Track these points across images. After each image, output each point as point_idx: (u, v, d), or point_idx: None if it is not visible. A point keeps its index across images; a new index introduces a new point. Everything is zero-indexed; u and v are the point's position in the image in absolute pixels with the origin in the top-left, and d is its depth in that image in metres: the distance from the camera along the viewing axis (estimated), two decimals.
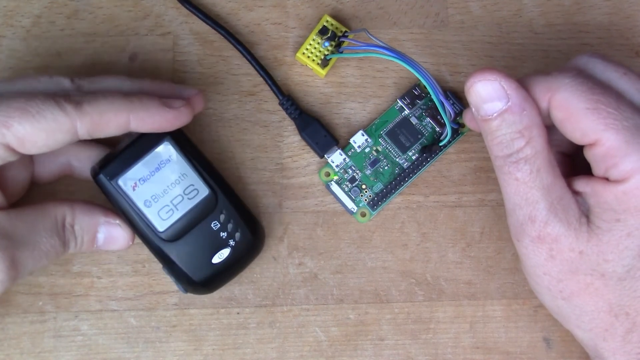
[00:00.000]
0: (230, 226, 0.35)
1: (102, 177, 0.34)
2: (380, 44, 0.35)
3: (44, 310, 0.37)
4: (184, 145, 0.35)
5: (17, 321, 0.37)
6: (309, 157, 0.39)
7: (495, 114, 0.31)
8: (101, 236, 0.35)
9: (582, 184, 0.31)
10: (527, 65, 0.40)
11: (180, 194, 0.34)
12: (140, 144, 0.34)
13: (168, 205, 0.34)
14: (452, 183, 0.39)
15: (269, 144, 0.39)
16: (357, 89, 0.40)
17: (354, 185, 0.38)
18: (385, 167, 0.38)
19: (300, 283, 0.38)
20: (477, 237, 0.38)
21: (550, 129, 0.32)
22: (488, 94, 0.31)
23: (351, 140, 0.38)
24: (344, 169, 0.38)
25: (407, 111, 0.39)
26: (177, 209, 0.34)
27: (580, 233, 0.30)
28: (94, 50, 0.39)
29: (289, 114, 0.39)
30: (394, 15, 0.41)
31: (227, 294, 0.38)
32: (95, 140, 0.35)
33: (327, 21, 0.39)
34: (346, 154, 0.38)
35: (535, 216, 0.31)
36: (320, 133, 0.38)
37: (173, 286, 0.37)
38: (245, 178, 0.39)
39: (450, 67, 0.40)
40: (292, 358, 0.37)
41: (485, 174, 0.39)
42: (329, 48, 0.39)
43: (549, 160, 0.31)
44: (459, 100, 0.39)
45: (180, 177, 0.34)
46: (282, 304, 0.38)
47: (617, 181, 0.29)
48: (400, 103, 0.39)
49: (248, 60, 0.39)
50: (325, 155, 0.38)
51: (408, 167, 0.38)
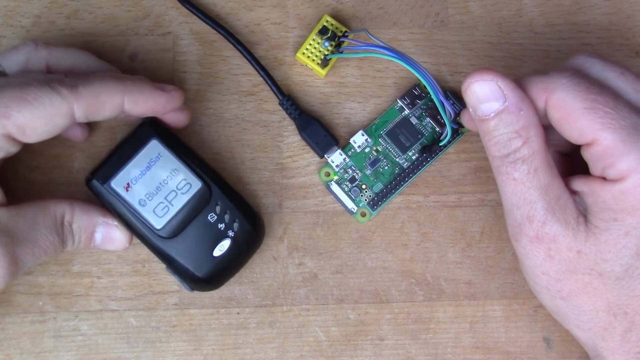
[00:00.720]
0: (227, 217, 0.35)
1: (94, 182, 0.34)
2: (380, 44, 0.35)
3: (44, 310, 0.37)
4: (172, 142, 0.35)
5: (17, 321, 0.37)
6: (309, 157, 0.39)
7: (492, 114, 0.31)
8: (98, 236, 0.35)
9: (579, 184, 0.31)
10: (527, 65, 0.40)
11: (174, 190, 0.35)
12: (129, 145, 0.35)
13: (163, 202, 0.34)
14: (452, 183, 0.39)
15: (269, 144, 0.39)
16: (357, 89, 0.40)
17: (354, 185, 0.38)
18: (385, 167, 0.38)
19: (300, 283, 0.38)
20: (477, 237, 0.38)
21: (548, 128, 0.32)
22: (485, 94, 0.31)
23: (351, 140, 0.38)
24: (344, 169, 0.38)
25: (407, 111, 0.39)
26: (172, 205, 0.35)
27: (578, 232, 0.30)
28: (94, 50, 0.39)
29: (289, 114, 0.39)
30: (394, 15, 0.41)
31: (227, 294, 0.38)
32: None
33: (327, 21, 0.39)
34: (346, 154, 0.38)
35: (533, 216, 0.31)
36: (320, 133, 0.38)
37: (173, 286, 0.37)
38: (245, 178, 0.39)
39: (450, 67, 0.40)
40: (292, 358, 0.37)
41: (485, 174, 0.39)
42: (329, 48, 0.39)
43: (546, 160, 0.31)
44: (459, 100, 0.39)
45: (171, 173, 0.35)
46: (282, 304, 0.38)
47: (614, 180, 0.29)
48: (400, 103, 0.39)
49: (248, 60, 0.39)
50: (325, 155, 0.38)
51: (408, 167, 0.38)
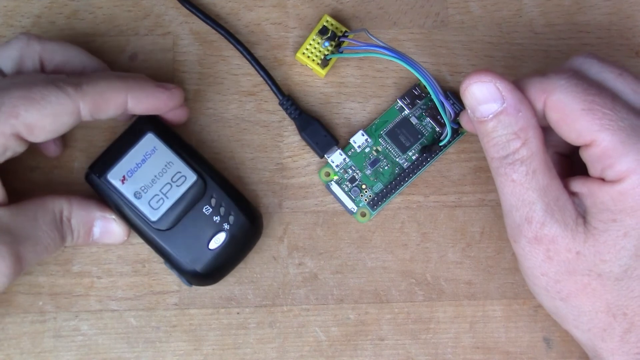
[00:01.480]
0: (222, 210, 0.35)
1: (91, 175, 0.35)
2: (380, 44, 0.35)
3: (44, 310, 0.37)
4: (167, 135, 0.36)
5: (17, 321, 0.37)
6: (309, 157, 0.39)
7: (490, 116, 0.31)
8: (97, 230, 0.35)
9: (578, 185, 0.31)
10: (527, 65, 0.40)
11: (169, 182, 0.35)
12: (125, 139, 0.36)
13: (158, 195, 0.35)
14: (452, 183, 0.39)
15: (269, 144, 0.39)
16: (357, 89, 0.40)
17: (354, 185, 0.38)
18: (385, 167, 0.38)
19: (300, 283, 0.38)
20: (477, 237, 0.38)
21: (546, 129, 0.32)
22: (483, 96, 0.31)
23: (351, 140, 0.38)
24: (344, 169, 0.38)
25: (407, 111, 0.39)
26: (167, 197, 0.35)
27: (577, 234, 0.30)
28: (94, 50, 0.39)
29: (289, 114, 0.39)
30: (394, 15, 0.41)
31: (227, 294, 0.38)
32: None
33: (327, 21, 0.39)
34: (346, 154, 0.38)
35: (531, 217, 0.31)
36: (320, 133, 0.38)
37: (173, 286, 0.37)
38: (245, 178, 0.39)
39: (450, 67, 0.40)
40: (292, 358, 0.37)
41: (485, 174, 0.39)
42: (329, 48, 0.39)
43: (545, 161, 0.31)
44: (459, 100, 0.39)
45: (166, 165, 0.35)
46: (282, 304, 0.38)
47: (613, 181, 0.29)
48: (400, 103, 0.39)
49: (248, 60, 0.39)
50: (325, 155, 0.38)
51: (408, 167, 0.38)
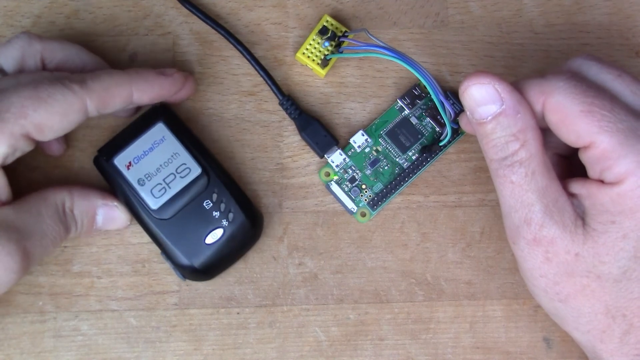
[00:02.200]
0: (222, 206, 0.35)
1: (98, 158, 0.36)
2: (380, 44, 0.35)
3: (44, 310, 0.37)
4: (178, 127, 0.37)
5: (17, 321, 0.37)
6: (309, 157, 0.39)
7: (489, 117, 0.31)
8: (100, 218, 0.36)
9: (577, 186, 0.31)
10: (527, 65, 0.40)
11: (173, 173, 0.35)
12: (136, 126, 0.36)
13: (161, 184, 0.35)
14: (452, 183, 0.39)
15: (269, 144, 0.39)
16: (357, 89, 0.40)
17: (354, 185, 0.38)
18: (385, 167, 0.38)
19: (300, 283, 0.38)
20: (477, 237, 0.38)
21: (546, 131, 0.32)
22: (482, 98, 0.31)
23: (351, 140, 0.38)
24: (344, 169, 0.38)
25: (407, 111, 0.39)
26: (170, 187, 0.35)
27: (576, 235, 0.30)
28: (94, 50, 0.39)
29: (289, 114, 0.39)
30: (394, 15, 0.40)
31: (227, 294, 0.38)
32: None
33: (327, 21, 0.39)
34: (346, 154, 0.38)
35: (530, 219, 0.31)
36: (320, 133, 0.38)
37: (173, 286, 0.37)
38: (245, 178, 0.39)
39: (450, 67, 0.40)
40: (292, 358, 0.37)
41: (485, 174, 0.39)
42: (329, 48, 0.39)
43: (544, 163, 0.31)
44: (459, 100, 0.39)
45: (172, 156, 0.36)
46: (282, 304, 0.38)
47: (612, 183, 0.29)
48: (400, 103, 0.39)
49: (248, 60, 0.39)
50: (325, 155, 0.38)
51: (408, 167, 0.38)
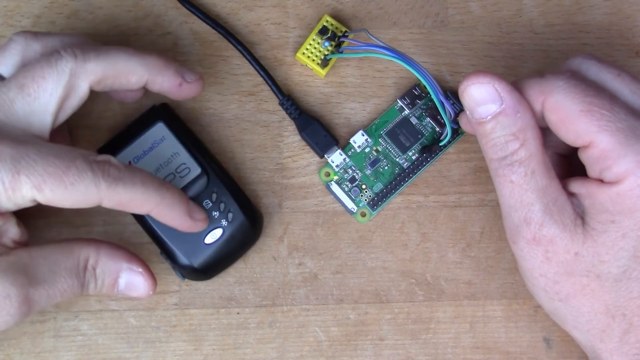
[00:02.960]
0: (222, 206, 0.35)
1: None
2: (380, 44, 0.35)
3: (44, 310, 0.37)
4: (178, 127, 0.37)
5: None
6: (309, 157, 0.39)
7: (489, 117, 0.31)
8: (122, 282, 0.34)
9: (577, 186, 0.31)
10: (527, 65, 0.40)
11: (173, 172, 0.35)
12: (136, 126, 0.36)
13: None
14: (452, 183, 0.39)
15: (269, 144, 0.39)
16: (357, 89, 0.40)
17: (354, 185, 0.38)
18: (385, 167, 0.38)
19: (300, 283, 0.38)
20: (477, 237, 0.38)
21: (545, 130, 0.32)
22: (482, 97, 0.31)
23: (351, 140, 0.38)
24: (344, 169, 0.38)
25: (407, 111, 0.39)
26: None
27: (576, 235, 0.30)
28: None
29: (289, 114, 0.39)
30: (394, 15, 0.41)
31: (227, 294, 0.38)
32: None
33: (327, 21, 0.39)
34: (346, 154, 0.38)
35: (530, 218, 0.31)
36: (320, 133, 0.38)
37: (173, 286, 0.37)
38: (245, 178, 0.39)
39: (450, 67, 0.40)
40: (292, 358, 0.37)
41: (485, 174, 0.39)
42: (329, 48, 0.39)
43: (543, 162, 0.31)
44: (459, 100, 0.39)
45: (172, 156, 0.36)
46: (282, 304, 0.38)
47: (611, 183, 0.29)
48: (400, 103, 0.39)
49: (248, 60, 0.39)
50: (325, 155, 0.38)
51: (408, 167, 0.38)
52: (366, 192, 0.38)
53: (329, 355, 0.37)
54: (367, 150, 0.39)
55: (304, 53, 0.39)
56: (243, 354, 0.37)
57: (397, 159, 0.39)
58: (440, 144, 0.38)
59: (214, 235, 0.35)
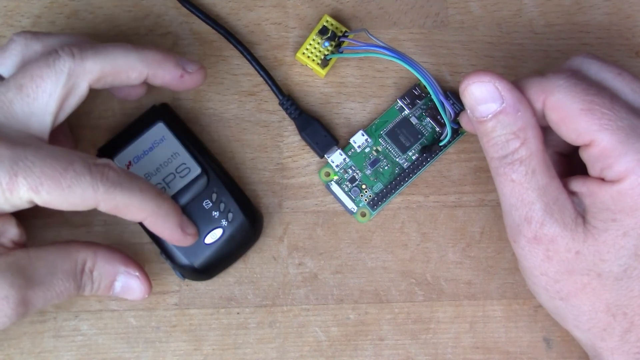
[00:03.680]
0: (222, 206, 0.35)
1: (98, 157, 0.35)
2: (380, 44, 0.35)
3: (44, 310, 0.37)
4: (178, 126, 0.37)
5: (17, 321, 0.37)
6: (309, 157, 0.39)
7: (490, 116, 0.31)
8: (118, 284, 0.34)
9: (577, 184, 0.31)
10: (527, 65, 0.40)
11: (173, 173, 0.35)
12: (136, 126, 0.36)
13: (160, 184, 0.35)
14: (452, 183, 0.39)
15: (269, 144, 0.39)
16: (357, 89, 0.40)
17: (354, 185, 0.38)
18: (385, 167, 0.38)
19: (300, 283, 0.38)
20: (477, 237, 0.38)
21: (546, 129, 0.32)
22: (482, 96, 0.31)
23: (351, 140, 0.38)
24: (344, 169, 0.38)
25: (407, 111, 0.39)
26: (169, 187, 0.35)
27: (577, 233, 0.30)
28: None
29: (289, 114, 0.39)
30: (394, 15, 0.41)
31: (227, 294, 0.38)
32: None
33: (327, 21, 0.39)
34: (346, 154, 0.38)
35: (531, 217, 0.31)
36: (320, 133, 0.38)
37: (173, 286, 0.37)
38: (245, 178, 0.39)
39: (450, 67, 0.40)
40: (292, 358, 0.37)
41: (485, 174, 0.39)
42: (329, 48, 0.39)
43: (544, 161, 0.31)
44: (459, 100, 0.39)
45: (172, 156, 0.36)
46: (282, 304, 0.38)
47: (612, 181, 0.29)
48: (400, 103, 0.39)
49: (248, 60, 0.39)
50: (325, 155, 0.38)
51: (408, 167, 0.38)
52: (366, 192, 0.38)
53: (329, 355, 0.37)
54: (367, 150, 0.39)
55: (304, 53, 0.39)
56: (243, 354, 0.37)
57: (397, 159, 0.39)
58: (440, 144, 0.38)
59: (214, 235, 0.35)
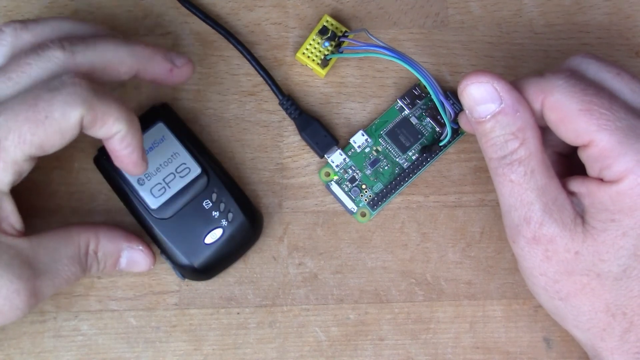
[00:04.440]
0: (222, 206, 0.36)
1: (98, 157, 0.36)
2: (380, 44, 0.35)
3: (44, 310, 0.37)
4: (177, 127, 0.37)
5: (17, 321, 0.37)
6: (309, 157, 0.39)
7: (488, 116, 0.31)
8: (124, 260, 0.35)
9: (577, 185, 0.31)
10: (527, 65, 0.40)
11: (173, 172, 0.36)
12: None
13: (160, 184, 0.35)
14: (452, 183, 0.39)
15: (269, 144, 0.39)
16: (357, 89, 0.40)
17: (354, 185, 0.38)
18: (385, 167, 0.38)
19: (300, 283, 0.38)
20: (477, 237, 0.38)
21: (545, 129, 0.32)
22: (481, 96, 0.31)
23: (351, 140, 0.38)
24: (344, 169, 0.38)
25: (407, 111, 0.39)
26: (169, 187, 0.35)
27: (576, 233, 0.30)
28: None
29: (289, 114, 0.39)
30: (394, 15, 0.41)
31: (227, 294, 0.38)
32: None
33: (327, 21, 0.39)
34: (346, 154, 0.38)
35: (530, 217, 0.31)
36: (320, 133, 0.38)
37: (173, 286, 0.37)
38: (245, 178, 0.39)
39: (450, 67, 0.40)
40: (292, 358, 0.37)
41: (485, 174, 0.39)
42: (329, 48, 0.39)
43: (543, 161, 0.31)
44: (459, 100, 0.39)
45: (172, 156, 0.36)
46: (282, 304, 0.38)
47: (611, 182, 0.29)
48: (400, 103, 0.39)
49: (248, 60, 0.39)
50: (325, 155, 0.38)
51: (408, 167, 0.38)
52: (366, 192, 0.38)
53: (329, 355, 0.37)
54: (367, 150, 0.39)
55: (304, 53, 0.39)
56: (243, 354, 0.37)
57: (397, 159, 0.39)
58: (440, 144, 0.38)
59: (214, 235, 0.35)
